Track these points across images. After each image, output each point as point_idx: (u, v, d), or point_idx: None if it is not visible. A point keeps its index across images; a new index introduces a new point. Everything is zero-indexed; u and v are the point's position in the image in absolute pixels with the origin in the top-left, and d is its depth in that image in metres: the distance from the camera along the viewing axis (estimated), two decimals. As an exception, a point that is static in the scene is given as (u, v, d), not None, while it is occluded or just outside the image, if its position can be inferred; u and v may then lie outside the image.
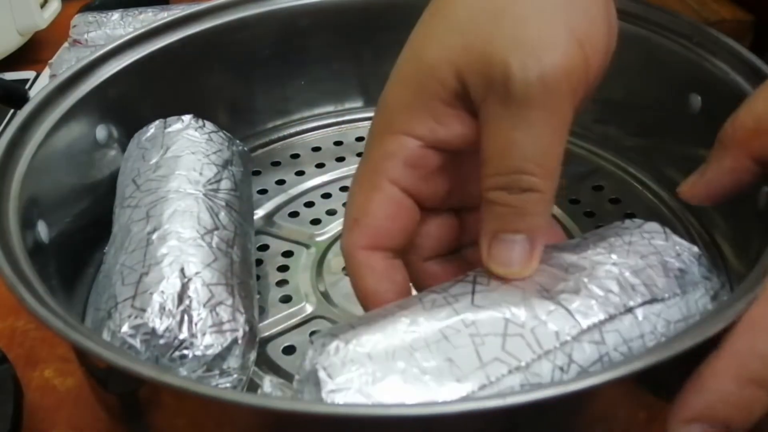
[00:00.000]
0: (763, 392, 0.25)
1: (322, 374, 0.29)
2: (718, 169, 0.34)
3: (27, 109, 0.42)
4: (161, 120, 0.46)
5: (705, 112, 0.45)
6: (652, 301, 0.32)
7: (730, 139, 0.34)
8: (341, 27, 0.55)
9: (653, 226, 0.35)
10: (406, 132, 0.32)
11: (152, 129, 0.46)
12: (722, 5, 0.64)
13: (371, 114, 0.57)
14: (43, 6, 0.74)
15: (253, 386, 0.37)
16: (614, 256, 0.33)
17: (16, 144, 0.40)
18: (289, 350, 0.41)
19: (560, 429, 0.29)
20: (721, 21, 0.62)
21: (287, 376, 0.39)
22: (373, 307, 0.32)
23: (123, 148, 0.47)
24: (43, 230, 0.40)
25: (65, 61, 0.63)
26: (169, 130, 0.45)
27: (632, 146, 0.52)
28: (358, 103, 0.58)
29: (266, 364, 0.40)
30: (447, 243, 0.35)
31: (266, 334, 0.41)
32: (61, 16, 0.76)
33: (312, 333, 0.42)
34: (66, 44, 0.68)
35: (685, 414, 0.26)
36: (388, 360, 0.29)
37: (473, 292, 0.32)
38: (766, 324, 0.26)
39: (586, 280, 0.32)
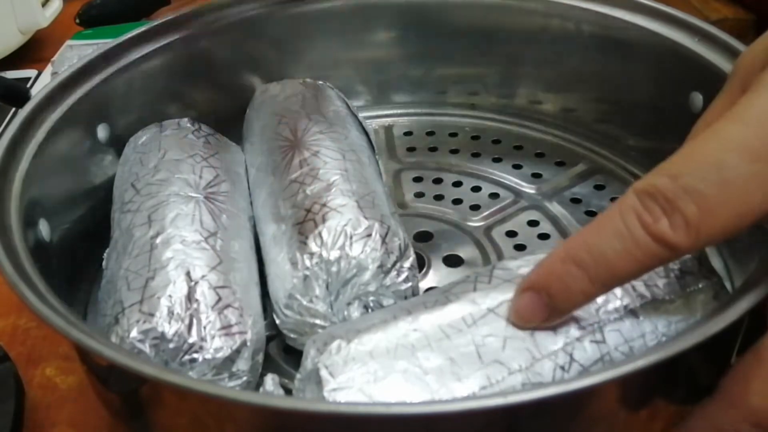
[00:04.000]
0: (580, 271, 0.29)
1: (323, 373, 0.29)
2: None
3: (28, 107, 0.42)
4: (156, 124, 0.46)
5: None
6: (653, 301, 0.32)
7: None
8: (341, 27, 0.55)
9: None
10: None
11: (148, 133, 0.46)
12: (724, 4, 0.64)
13: (372, 114, 0.58)
14: (44, 5, 0.74)
15: (255, 386, 0.37)
16: None
17: (17, 142, 0.40)
18: (290, 349, 0.41)
19: (561, 428, 0.29)
20: (723, 19, 0.62)
21: (289, 376, 0.39)
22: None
23: (124, 147, 0.47)
24: (44, 228, 0.40)
25: (67, 60, 0.63)
26: (166, 133, 0.45)
27: (634, 145, 0.52)
28: (359, 103, 0.58)
29: (267, 363, 0.40)
30: None
31: (267, 333, 0.41)
32: (63, 15, 0.76)
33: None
34: (68, 43, 0.68)
35: (522, 285, 0.31)
36: (390, 358, 0.29)
37: (474, 290, 0.32)
38: (597, 221, 0.30)
39: (587, 280, 0.32)
